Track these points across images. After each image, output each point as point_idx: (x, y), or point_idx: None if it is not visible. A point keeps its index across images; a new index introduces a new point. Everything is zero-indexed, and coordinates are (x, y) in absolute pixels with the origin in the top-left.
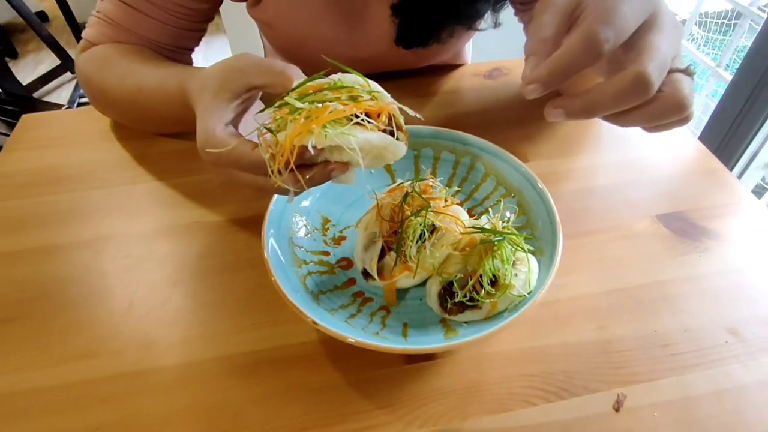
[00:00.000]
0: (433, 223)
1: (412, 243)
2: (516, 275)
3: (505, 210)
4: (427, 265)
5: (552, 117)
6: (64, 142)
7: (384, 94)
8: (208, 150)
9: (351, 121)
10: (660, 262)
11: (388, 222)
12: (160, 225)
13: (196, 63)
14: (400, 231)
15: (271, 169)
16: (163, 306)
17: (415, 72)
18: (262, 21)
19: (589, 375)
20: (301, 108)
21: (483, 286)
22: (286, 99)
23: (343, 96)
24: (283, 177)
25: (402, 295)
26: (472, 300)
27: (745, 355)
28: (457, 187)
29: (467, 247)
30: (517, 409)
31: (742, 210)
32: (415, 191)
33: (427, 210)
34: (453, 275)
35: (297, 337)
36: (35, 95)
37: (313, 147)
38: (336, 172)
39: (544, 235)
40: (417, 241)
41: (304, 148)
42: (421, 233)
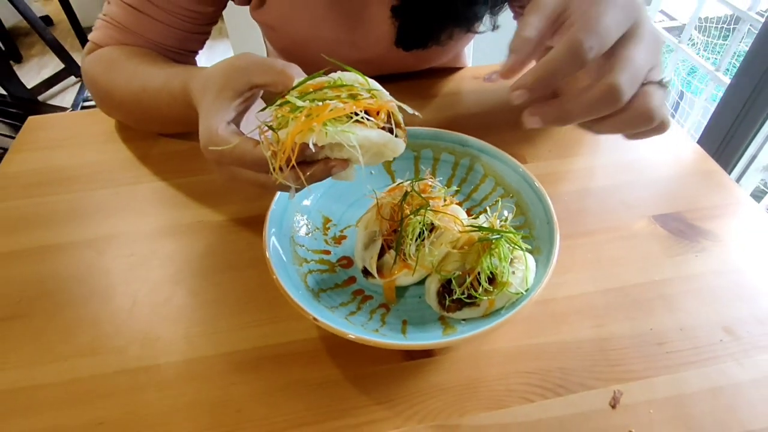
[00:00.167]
0: (432, 222)
1: (411, 241)
2: (513, 273)
3: (503, 209)
4: (426, 263)
5: (529, 124)
6: (68, 144)
7: (383, 92)
8: (211, 148)
9: (351, 118)
10: (656, 261)
11: (387, 221)
12: (163, 224)
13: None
14: (399, 230)
15: (272, 166)
16: (166, 304)
17: (415, 74)
18: (265, 23)
19: (586, 372)
20: (302, 106)
21: (481, 284)
22: (287, 97)
23: (343, 94)
24: (284, 174)
25: (401, 292)
26: (470, 297)
27: (740, 353)
28: (456, 187)
29: (465, 246)
30: (515, 405)
31: (739, 211)
32: (414, 190)
33: (426, 209)
34: (451, 273)
35: (298, 334)
36: (39, 98)
37: (313, 144)
38: (336, 169)
39: (541, 234)
40: (416, 240)
41: (305, 146)
42: (420, 232)
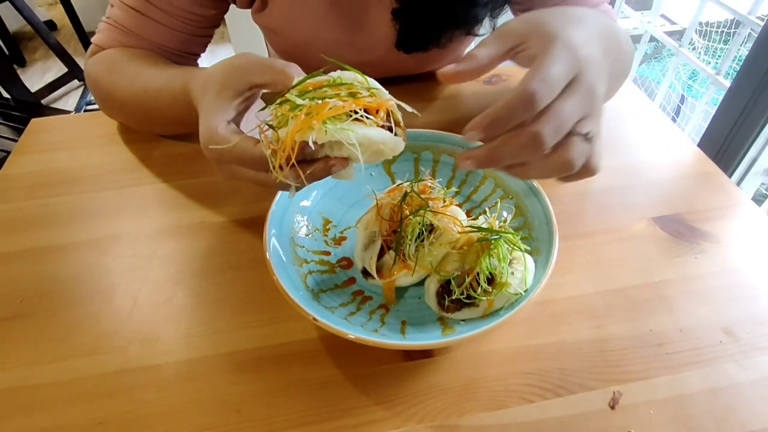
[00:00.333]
0: (431, 223)
1: (410, 242)
2: (512, 274)
3: (503, 210)
4: (426, 264)
5: (464, 167)
6: (71, 146)
7: (382, 91)
8: (211, 147)
9: (350, 117)
10: (656, 263)
11: (387, 221)
12: (165, 225)
13: None
14: (399, 230)
15: (272, 164)
16: (167, 304)
17: (417, 77)
18: (267, 26)
19: (585, 373)
20: (302, 105)
21: (480, 284)
22: (286, 96)
23: (343, 93)
24: (284, 172)
25: (401, 293)
26: (469, 298)
27: (740, 353)
28: (455, 189)
29: (465, 246)
30: (514, 406)
31: (738, 213)
32: (413, 191)
33: (426, 210)
34: (450, 273)
35: (298, 334)
36: (43, 102)
37: (313, 142)
38: (336, 168)
39: (540, 236)
40: (416, 240)
41: (304, 144)
42: (419, 232)
